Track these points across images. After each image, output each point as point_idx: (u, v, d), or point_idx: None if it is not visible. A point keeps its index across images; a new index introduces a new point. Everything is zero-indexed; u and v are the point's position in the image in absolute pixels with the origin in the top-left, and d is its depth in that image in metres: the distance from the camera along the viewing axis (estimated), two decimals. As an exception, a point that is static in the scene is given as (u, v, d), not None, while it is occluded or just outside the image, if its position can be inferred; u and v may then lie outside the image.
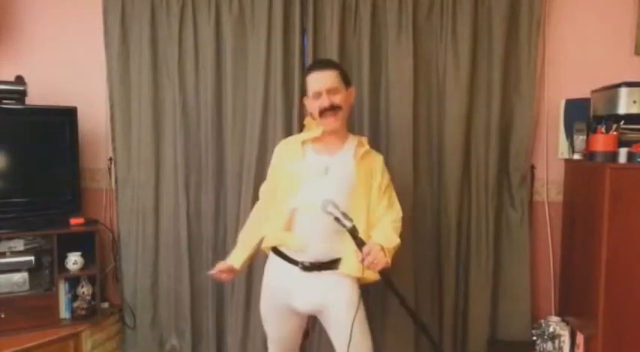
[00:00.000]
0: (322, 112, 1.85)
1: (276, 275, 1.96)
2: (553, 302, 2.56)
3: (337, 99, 1.86)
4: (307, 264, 1.85)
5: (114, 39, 2.68)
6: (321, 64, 1.98)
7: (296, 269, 1.87)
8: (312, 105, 1.90)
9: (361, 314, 1.87)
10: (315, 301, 1.87)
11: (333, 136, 1.93)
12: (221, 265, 1.98)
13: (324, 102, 1.84)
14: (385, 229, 1.85)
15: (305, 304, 1.89)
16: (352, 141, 1.96)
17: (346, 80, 1.93)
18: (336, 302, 1.85)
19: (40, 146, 2.59)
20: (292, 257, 1.88)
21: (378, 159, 1.97)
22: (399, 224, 1.91)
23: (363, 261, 1.68)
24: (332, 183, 1.86)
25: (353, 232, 1.68)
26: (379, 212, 1.90)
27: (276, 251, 1.94)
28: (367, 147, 1.96)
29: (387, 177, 1.96)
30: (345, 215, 1.69)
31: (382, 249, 1.71)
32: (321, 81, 1.86)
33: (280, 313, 1.96)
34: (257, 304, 2.59)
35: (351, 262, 1.81)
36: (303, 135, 2.00)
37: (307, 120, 2.06)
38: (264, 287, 2.01)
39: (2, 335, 2.38)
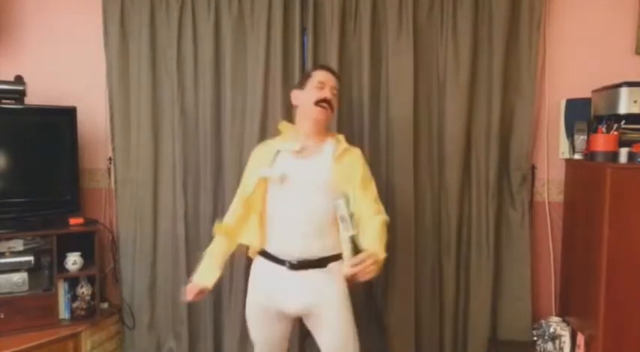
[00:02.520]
0: (319, 102, 1.89)
1: (262, 278, 1.94)
2: (554, 303, 2.56)
3: (334, 102, 1.96)
4: (294, 263, 1.84)
5: (113, 38, 2.68)
6: (333, 69, 2.07)
7: (283, 269, 1.86)
8: (310, 94, 1.92)
9: (348, 313, 1.88)
10: (305, 301, 1.85)
11: (311, 138, 1.93)
12: (194, 289, 1.92)
13: (327, 93, 1.91)
14: (379, 234, 1.78)
15: (293, 305, 1.86)
16: (331, 140, 1.96)
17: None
18: (327, 300, 1.84)
19: (40, 146, 2.59)
20: (279, 257, 1.88)
21: (356, 153, 1.96)
22: (386, 226, 1.85)
23: (352, 266, 1.61)
24: (301, 190, 1.85)
25: (352, 239, 1.65)
26: (367, 207, 1.84)
27: (262, 252, 1.94)
28: (345, 144, 1.95)
29: (367, 169, 1.95)
30: (352, 217, 1.66)
31: (376, 261, 1.65)
32: (330, 78, 1.96)
33: (267, 316, 1.93)
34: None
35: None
36: (280, 145, 1.97)
37: (282, 125, 2.06)
38: (250, 290, 1.99)
39: (2, 335, 2.38)
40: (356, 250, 1.64)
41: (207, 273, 1.96)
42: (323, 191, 1.84)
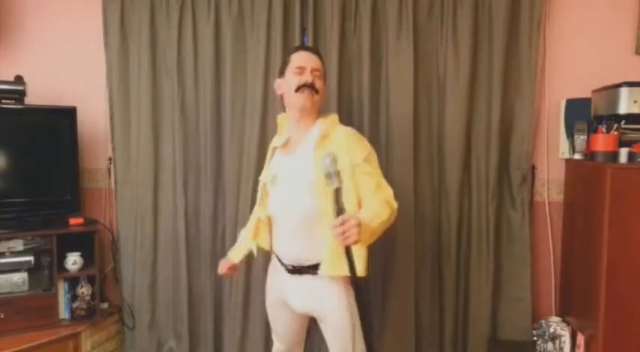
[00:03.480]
0: (300, 87, 1.78)
1: (274, 273, 1.98)
2: (554, 303, 2.56)
3: (319, 84, 1.82)
4: (290, 267, 1.85)
5: (113, 38, 2.68)
6: (313, 49, 1.91)
7: (285, 270, 1.88)
8: (290, 81, 1.82)
9: (348, 315, 1.82)
10: (305, 304, 1.87)
11: (300, 127, 1.85)
12: (225, 263, 2.04)
13: (308, 77, 1.78)
14: (374, 205, 1.67)
15: (297, 305, 1.88)
16: (317, 127, 1.82)
17: (325, 76, 1.91)
18: (325, 305, 1.82)
19: (40, 146, 2.59)
20: (280, 258, 1.89)
21: (340, 134, 1.77)
22: (390, 209, 1.69)
23: (334, 227, 1.49)
24: (286, 190, 1.82)
25: (336, 194, 1.49)
26: (365, 195, 1.71)
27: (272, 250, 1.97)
28: (327, 127, 1.79)
29: (359, 151, 1.75)
30: (338, 174, 1.49)
31: (359, 224, 1.49)
32: (309, 59, 1.82)
33: (280, 308, 1.97)
34: (255, 306, 2.62)
35: (330, 262, 1.73)
36: (274, 142, 1.96)
37: (279, 117, 2.02)
38: (267, 280, 2.04)
39: (2, 335, 2.37)
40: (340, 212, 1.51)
41: (236, 251, 2.07)
42: (307, 190, 1.74)
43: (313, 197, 1.74)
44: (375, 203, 1.69)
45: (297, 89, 1.79)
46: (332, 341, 1.87)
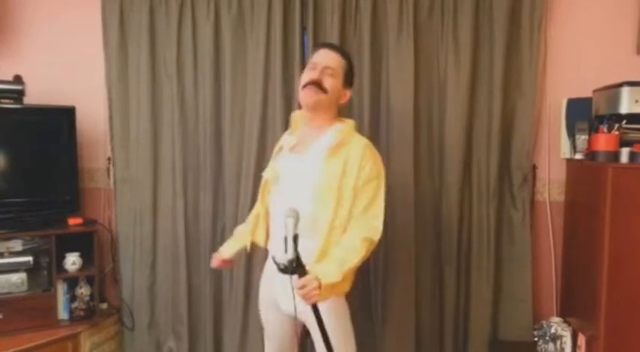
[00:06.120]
0: (306, 85, 1.75)
1: (268, 271, 1.97)
2: (555, 303, 2.55)
3: (329, 82, 1.76)
4: (282, 266, 1.80)
5: (112, 38, 2.68)
6: (336, 47, 1.87)
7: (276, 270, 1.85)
8: (302, 77, 1.80)
9: (341, 321, 1.79)
10: (290, 305, 1.80)
11: (312, 128, 1.83)
12: (217, 257, 2.01)
13: (315, 74, 1.75)
14: (341, 256, 1.66)
15: (286, 307, 1.84)
16: (332, 133, 1.79)
17: (348, 79, 1.85)
18: (309, 308, 1.76)
19: (39, 146, 2.58)
20: (273, 257, 1.87)
21: (356, 147, 1.74)
22: (369, 244, 1.68)
23: (297, 289, 1.57)
24: (288, 190, 1.80)
25: (290, 264, 1.53)
26: (354, 214, 1.70)
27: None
28: (344, 135, 1.77)
29: (367, 171, 1.71)
30: (295, 239, 1.51)
31: (320, 285, 1.56)
32: (325, 57, 1.79)
33: (271, 308, 1.93)
34: (256, 306, 2.60)
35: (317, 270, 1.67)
36: (284, 139, 1.95)
37: (294, 115, 1.99)
38: (261, 278, 2.02)
39: (0, 336, 2.37)
40: (302, 269, 1.57)
41: (228, 246, 2.04)
42: (309, 194, 1.72)
43: (313, 201, 1.74)
44: (352, 241, 1.68)
45: (304, 86, 1.78)
46: (319, 349, 1.81)
